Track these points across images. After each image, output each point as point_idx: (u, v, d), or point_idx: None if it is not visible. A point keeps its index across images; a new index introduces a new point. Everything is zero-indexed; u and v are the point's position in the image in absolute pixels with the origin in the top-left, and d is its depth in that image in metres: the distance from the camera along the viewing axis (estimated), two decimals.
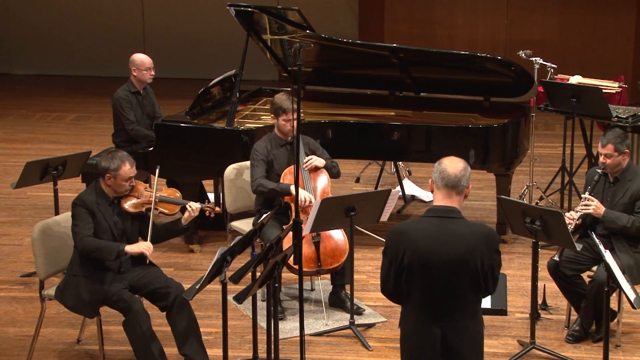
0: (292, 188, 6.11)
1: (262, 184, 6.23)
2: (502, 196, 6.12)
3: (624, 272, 4.94)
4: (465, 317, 4.04)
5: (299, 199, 6.06)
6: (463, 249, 3.97)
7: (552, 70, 7.83)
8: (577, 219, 5.76)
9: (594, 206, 5.74)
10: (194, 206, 5.59)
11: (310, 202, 6.08)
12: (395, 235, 4.05)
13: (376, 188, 8.32)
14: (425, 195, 8.35)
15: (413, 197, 8.36)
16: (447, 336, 4.02)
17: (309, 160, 6.29)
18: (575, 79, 7.79)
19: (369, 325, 6.12)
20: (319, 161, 6.33)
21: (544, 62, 7.78)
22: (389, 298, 4.16)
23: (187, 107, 7.48)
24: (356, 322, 6.01)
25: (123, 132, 7.54)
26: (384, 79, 7.83)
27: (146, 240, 5.54)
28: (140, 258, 5.49)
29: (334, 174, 6.48)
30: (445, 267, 3.98)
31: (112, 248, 5.35)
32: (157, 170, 5.75)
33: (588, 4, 11.42)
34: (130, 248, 5.41)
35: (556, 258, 5.76)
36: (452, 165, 4.06)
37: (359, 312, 6.19)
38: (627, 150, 5.79)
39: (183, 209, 5.68)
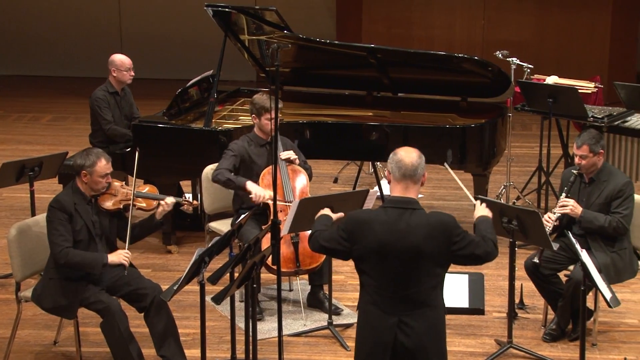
0: (248, 184, 6.13)
1: (221, 173, 6.23)
2: (480, 196, 6.15)
3: (600, 272, 4.98)
4: (423, 305, 4.11)
5: (252, 194, 6.07)
6: (419, 237, 4.06)
7: (528, 70, 7.87)
8: (555, 221, 5.79)
9: (570, 206, 5.78)
10: (168, 201, 5.58)
11: (264, 197, 6.08)
12: (354, 221, 4.16)
13: (354, 188, 8.33)
14: None
15: None
16: (404, 323, 4.08)
17: (287, 156, 6.30)
18: (552, 79, 7.84)
19: (347, 326, 6.12)
20: (294, 157, 6.33)
21: (520, 63, 7.82)
22: (313, 247, 4.31)
23: (164, 108, 7.46)
24: (334, 323, 6.02)
25: (100, 132, 7.50)
26: (361, 79, 7.85)
27: (124, 241, 5.53)
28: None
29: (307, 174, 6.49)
30: (402, 257, 4.06)
31: (95, 262, 5.33)
32: (136, 155, 5.67)
33: (564, 4, 11.49)
34: (112, 259, 5.39)
35: (536, 260, 5.78)
36: (408, 155, 4.18)
37: (337, 312, 6.19)
38: (601, 151, 5.83)
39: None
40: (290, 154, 6.30)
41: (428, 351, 4.11)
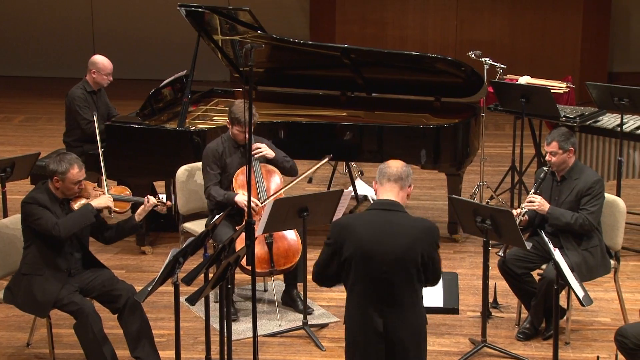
0: (237, 199, 6.14)
1: (212, 195, 6.25)
2: (453, 196, 6.17)
3: (572, 270, 5.01)
4: (407, 309, 4.13)
5: (243, 206, 6.07)
6: (405, 241, 4.08)
7: (501, 70, 7.91)
8: (523, 215, 5.84)
9: (538, 203, 5.82)
10: (151, 200, 5.57)
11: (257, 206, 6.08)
12: (339, 227, 4.17)
13: (329, 188, 8.33)
14: None
15: (365, 197, 8.39)
16: (390, 327, 4.11)
17: (257, 148, 6.28)
18: (524, 79, 7.88)
19: (322, 326, 6.13)
20: (267, 151, 6.33)
21: (493, 63, 7.85)
22: (321, 284, 4.26)
23: (137, 108, 7.42)
24: (309, 323, 6.02)
25: (76, 131, 7.46)
26: (335, 79, 7.85)
27: (100, 241, 5.51)
28: (92, 261, 5.45)
29: (287, 169, 6.48)
30: (387, 259, 4.08)
31: (85, 212, 5.34)
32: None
33: (536, 5, 11.56)
34: (96, 203, 5.39)
35: (500, 254, 5.82)
36: (395, 164, 4.26)
37: (309, 312, 6.18)
38: (571, 148, 5.87)
39: (134, 207, 5.65)
40: (261, 149, 6.28)
41: (409, 356, 4.14)
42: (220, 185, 6.31)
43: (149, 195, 5.64)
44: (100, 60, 7.54)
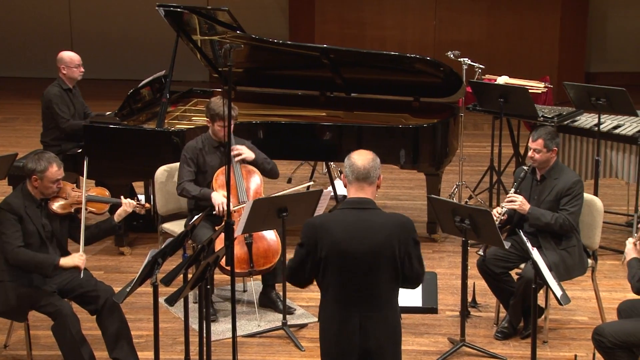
0: (213, 195, 6.12)
1: (186, 189, 6.24)
2: (432, 195, 6.19)
3: (550, 269, 5.04)
4: (382, 306, 4.12)
5: (216, 208, 6.07)
6: (379, 238, 4.06)
7: (480, 70, 7.94)
8: (503, 214, 5.86)
9: (519, 202, 5.85)
10: (129, 201, 5.54)
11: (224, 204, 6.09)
12: (312, 228, 4.14)
13: (308, 188, 8.33)
14: None
15: (345, 197, 8.37)
16: (365, 325, 4.09)
17: (237, 150, 6.27)
18: (503, 79, 7.91)
19: (302, 326, 6.13)
20: (247, 154, 6.32)
21: (472, 63, 7.88)
22: (296, 284, 4.24)
23: (116, 108, 7.39)
24: (289, 323, 6.02)
25: (53, 130, 7.41)
26: (315, 79, 7.86)
27: (78, 242, 5.47)
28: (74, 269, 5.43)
29: (267, 170, 6.47)
30: (362, 257, 4.07)
31: (46, 263, 5.27)
32: (85, 165, 5.62)
33: (514, 5, 11.61)
34: (65, 262, 5.32)
35: (480, 252, 5.84)
36: (361, 158, 4.20)
37: (290, 312, 6.19)
38: (555, 148, 5.90)
39: (112, 208, 5.63)
40: (241, 152, 6.28)
41: (386, 355, 4.13)
42: (195, 184, 6.30)
43: (122, 197, 5.60)
44: (66, 54, 7.50)
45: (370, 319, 4.10)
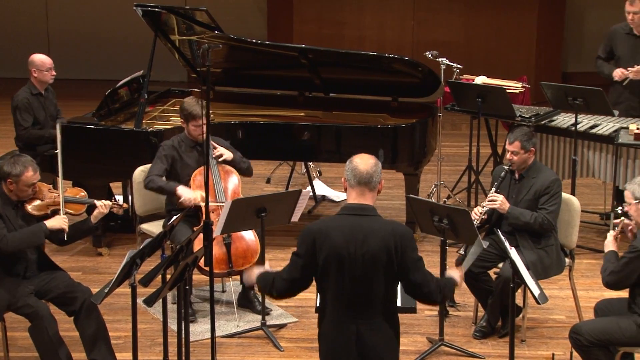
0: (179, 189, 6.13)
1: (153, 180, 6.24)
2: (411, 195, 6.21)
3: (528, 269, 5.06)
4: (380, 315, 4.10)
5: (182, 199, 6.06)
6: (378, 246, 4.02)
7: (457, 70, 7.96)
8: (483, 214, 5.89)
9: (499, 202, 5.88)
10: (105, 203, 5.52)
11: (194, 200, 6.07)
12: (310, 234, 4.07)
13: (287, 188, 8.33)
14: (335, 195, 8.40)
15: (324, 197, 8.40)
16: (363, 334, 4.07)
17: (219, 151, 6.27)
18: (480, 79, 7.94)
19: (281, 326, 6.13)
20: (227, 154, 6.32)
21: (450, 63, 7.90)
22: (287, 295, 4.18)
23: (94, 109, 7.36)
24: (268, 323, 6.01)
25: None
26: (293, 79, 7.86)
27: (55, 243, 5.45)
28: (48, 263, 5.39)
29: (243, 169, 6.47)
30: (361, 264, 4.03)
31: (36, 232, 5.26)
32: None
33: (492, 6, 11.66)
34: (51, 224, 5.31)
35: (461, 252, 5.87)
36: (363, 162, 4.14)
37: (266, 312, 6.17)
38: (532, 149, 5.94)
39: (89, 209, 5.60)
40: (221, 152, 6.28)
41: None
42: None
43: (95, 201, 5.56)
44: (38, 57, 7.44)
45: (367, 327, 4.07)
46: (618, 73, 7.42)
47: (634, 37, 7.47)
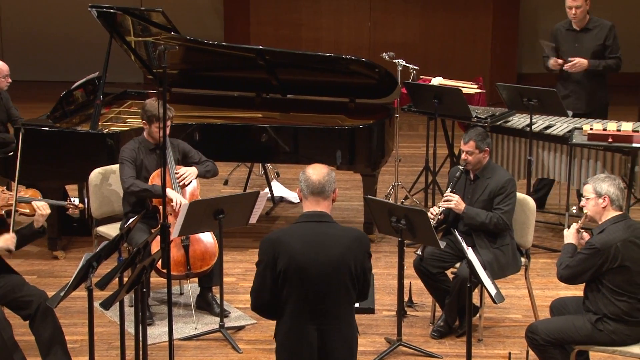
0: (169, 191, 6.09)
1: (135, 184, 6.17)
2: (369, 196, 6.23)
3: (485, 268, 5.10)
4: (340, 320, 4.14)
5: (173, 202, 6.03)
6: (337, 252, 4.08)
7: (414, 71, 8.01)
8: (440, 214, 5.93)
9: (455, 202, 5.92)
10: (39, 204, 5.38)
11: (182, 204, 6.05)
12: (270, 243, 4.12)
13: (245, 190, 8.32)
14: (293, 196, 8.40)
15: (282, 199, 8.40)
16: (323, 340, 4.09)
17: (181, 175, 6.25)
18: (437, 81, 7.99)
19: (239, 328, 6.11)
20: (191, 174, 6.29)
21: (406, 64, 7.94)
22: (260, 312, 4.21)
23: (48, 111, 7.29)
24: (226, 325, 6.00)
25: None
26: (250, 80, 7.85)
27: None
28: (2, 266, 5.33)
29: (208, 177, 6.49)
30: (320, 271, 4.07)
31: None
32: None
33: (447, 7, 11.74)
34: None
35: (419, 252, 5.90)
36: (316, 172, 4.21)
37: (224, 314, 6.16)
38: (487, 149, 5.99)
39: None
40: (185, 177, 6.25)
41: None
42: None
43: (42, 201, 5.47)
44: None
45: (327, 333, 4.10)
46: (551, 62, 7.58)
47: (574, 32, 7.62)
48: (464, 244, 5.07)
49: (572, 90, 7.62)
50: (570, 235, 5.13)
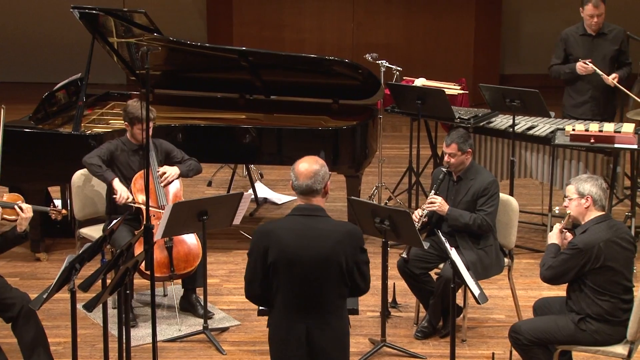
0: (115, 181, 6.11)
1: (94, 158, 6.21)
2: (352, 197, 6.23)
3: (468, 269, 5.12)
4: (330, 314, 4.14)
5: (117, 195, 6.03)
6: (328, 246, 4.08)
7: (397, 73, 8.02)
8: (424, 217, 5.94)
9: (438, 204, 5.94)
10: (23, 206, 5.33)
11: (129, 199, 6.04)
12: (261, 234, 4.14)
13: (228, 191, 8.31)
14: (277, 197, 8.40)
15: (265, 200, 8.39)
16: (312, 333, 4.11)
17: (163, 175, 6.25)
18: (420, 82, 8.01)
19: (223, 329, 6.11)
20: (173, 174, 6.28)
21: (390, 65, 7.96)
22: (254, 301, 4.23)
23: (31, 112, 7.25)
24: (210, 327, 5.99)
25: None
26: (234, 82, 7.83)
27: None
28: None
29: (191, 176, 6.47)
30: (310, 264, 4.08)
31: None
32: None
33: (431, 9, 11.76)
34: None
35: (404, 255, 5.91)
36: (302, 173, 4.22)
37: (208, 316, 6.15)
38: (469, 150, 6.01)
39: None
40: (168, 177, 6.24)
41: None
42: None
43: (22, 204, 5.43)
44: None
45: (316, 326, 4.11)
46: (579, 67, 7.36)
47: (590, 37, 7.53)
48: (447, 245, 5.09)
49: (591, 96, 7.53)
50: (553, 235, 5.16)
